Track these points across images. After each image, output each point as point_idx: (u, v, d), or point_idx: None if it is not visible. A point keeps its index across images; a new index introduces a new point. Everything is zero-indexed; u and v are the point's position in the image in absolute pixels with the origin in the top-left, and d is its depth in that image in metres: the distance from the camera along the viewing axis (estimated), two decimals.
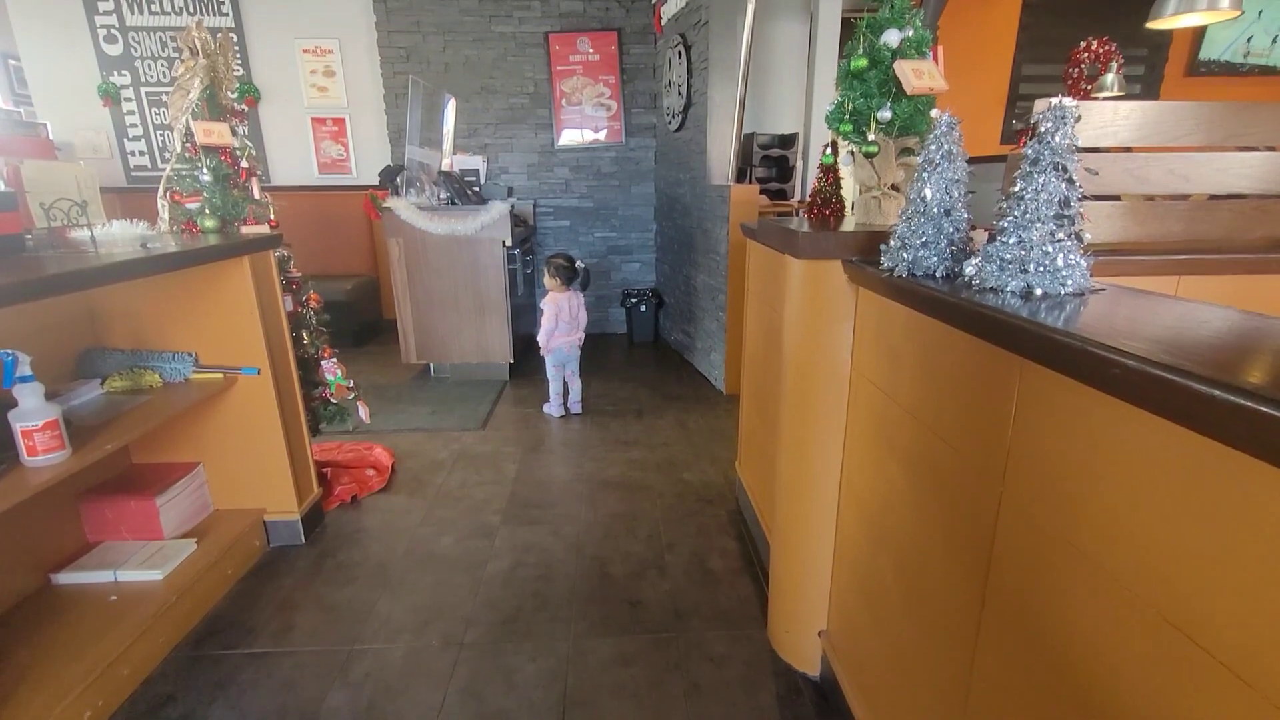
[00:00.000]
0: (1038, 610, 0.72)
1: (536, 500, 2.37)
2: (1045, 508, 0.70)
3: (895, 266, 1.02)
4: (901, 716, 1.12)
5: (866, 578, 1.25)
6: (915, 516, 1.02)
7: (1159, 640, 0.55)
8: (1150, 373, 0.52)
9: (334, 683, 1.53)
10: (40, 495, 1.62)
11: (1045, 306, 0.76)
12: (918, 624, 1.03)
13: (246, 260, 1.80)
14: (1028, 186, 0.81)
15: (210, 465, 1.99)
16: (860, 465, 1.27)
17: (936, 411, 0.94)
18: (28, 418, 1.25)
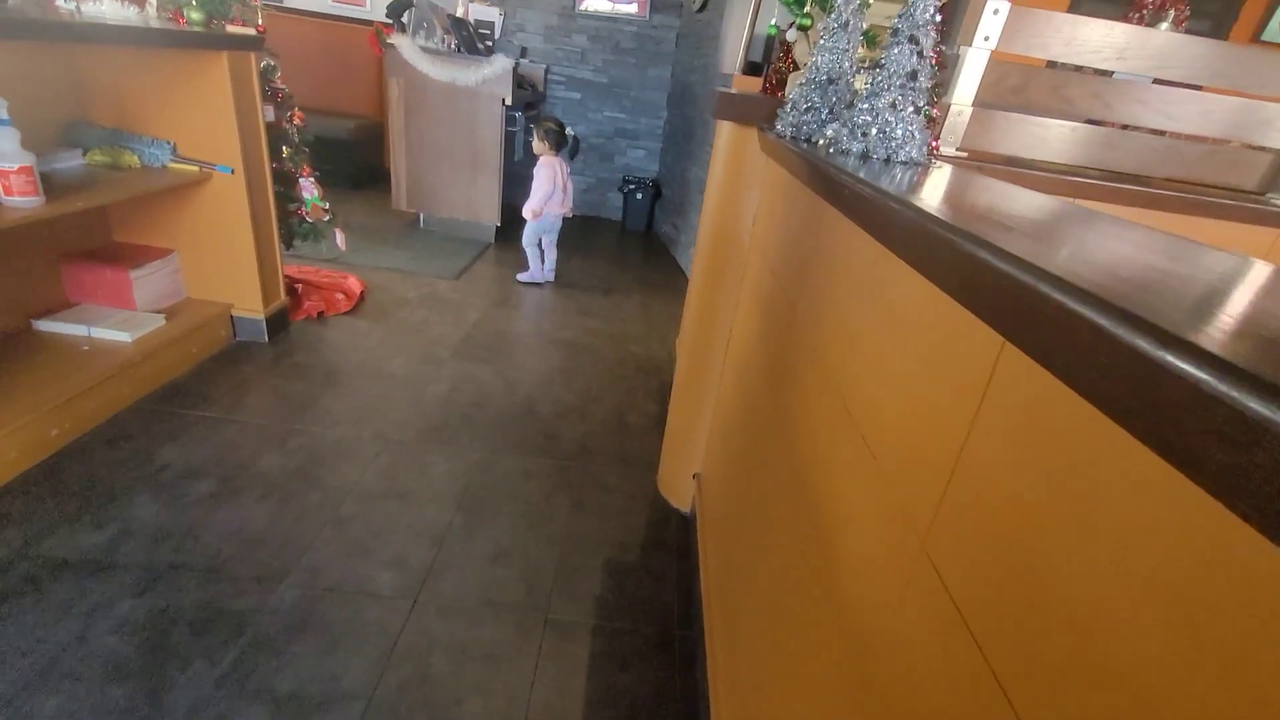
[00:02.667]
0: (799, 437, 0.87)
1: (488, 345, 2.55)
2: (818, 338, 0.84)
3: (783, 131, 1.10)
4: (723, 544, 1.31)
5: (728, 425, 1.42)
6: (760, 364, 1.16)
7: (838, 419, 0.70)
8: (916, 223, 0.62)
9: (271, 449, 1.75)
10: (22, 246, 1.78)
11: (866, 167, 0.85)
12: (744, 465, 1.20)
13: (225, 57, 1.85)
14: (887, 55, 0.89)
15: (184, 256, 2.14)
16: (742, 326, 1.40)
17: (784, 261, 1.06)
18: (4, 159, 1.38)
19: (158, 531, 1.42)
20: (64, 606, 1.22)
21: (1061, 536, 0.33)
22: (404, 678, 1.19)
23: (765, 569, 0.97)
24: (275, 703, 1.11)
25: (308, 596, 1.32)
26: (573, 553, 1.55)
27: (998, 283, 0.37)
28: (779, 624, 0.85)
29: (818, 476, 0.74)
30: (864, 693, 0.55)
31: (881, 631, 0.53)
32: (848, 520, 0.63)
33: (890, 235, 0.57)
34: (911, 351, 0.53)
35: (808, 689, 0.71)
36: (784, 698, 0.79)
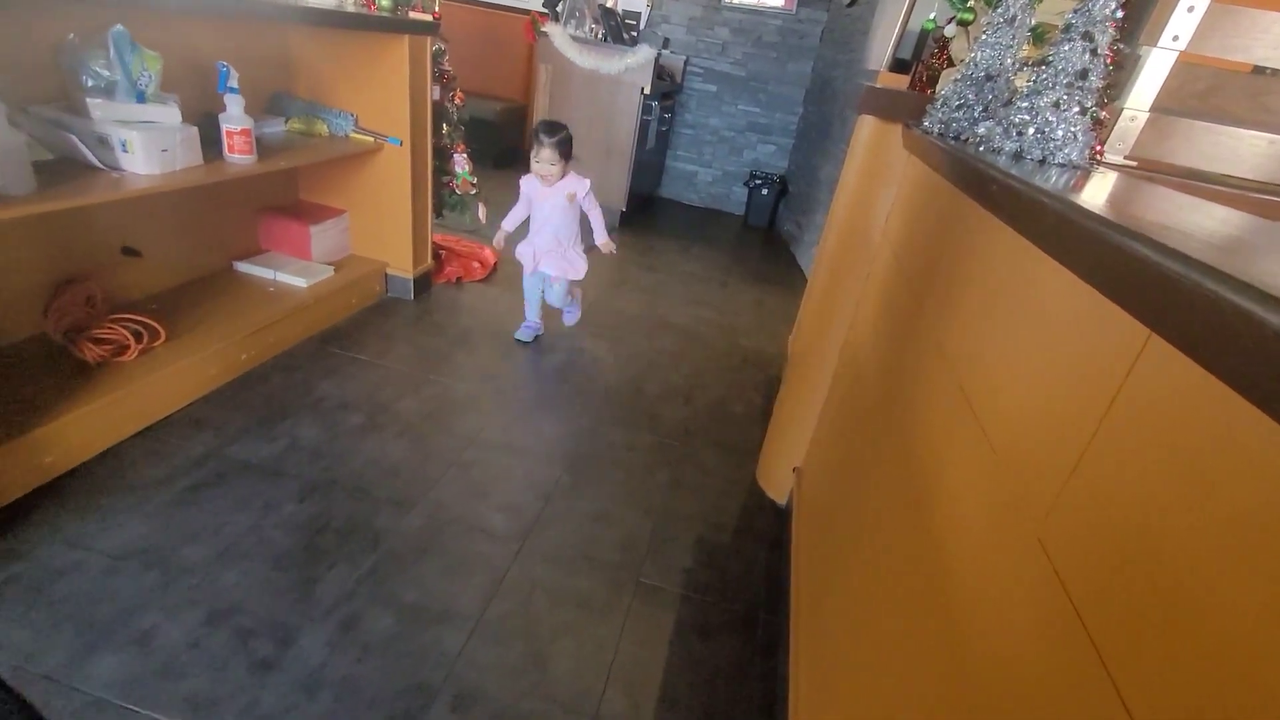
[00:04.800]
0: (913, 430, 0.87)
1: (603, 323, 2.66)
2: (951, 338, 0.83)
3: (930, 127, 1.08)
4: (818, 537, 1.32)
5: (837, 422, 1.42)
6: (878, 361, 1.16)
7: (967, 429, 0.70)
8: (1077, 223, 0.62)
9: (409, 394, 1.95)
10: (233, 197, 2.08)
11: (1018, 166, 0.83)
12: (850, 460, 1.20)
13: (406, 40, 2.07)
14: (1056, 52, 0.86)
15: (353, 216, 2.42)
16: (862, 324, 1.39)
17: (915, 256, 1.05)
18: (231, 121, 1.64)
19: (316, 450, 1.65)
20: (243, 500, 1.45)
21: (1196, 532, 0.34)
22: (507, 609, 1.31)
23: (861, 562, 0.97)
24: (400, 609, 1.26)
25: (432, 525, 1.48)
26: (667, 525, 1.61)
27: (1148, 273, 0.38)
28: (872, 616, 0.86)
29: (929, 468, 0.74)
30: (960, 684, 0.56)
31: (985, 622, 0.54)
32: (957, 511, 0.64)
33: (1040, 230, 0.57)
34: (1047, 344, 0.54)
35: (899, 680, 0.72)
36: (872, 688, 0.80)
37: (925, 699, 0.63)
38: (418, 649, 1.20)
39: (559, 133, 2.02)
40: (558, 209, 2.13)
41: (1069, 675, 0.41)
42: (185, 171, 1.53)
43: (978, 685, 0.52)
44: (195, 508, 1.41)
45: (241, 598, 1.23)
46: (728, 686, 1.24)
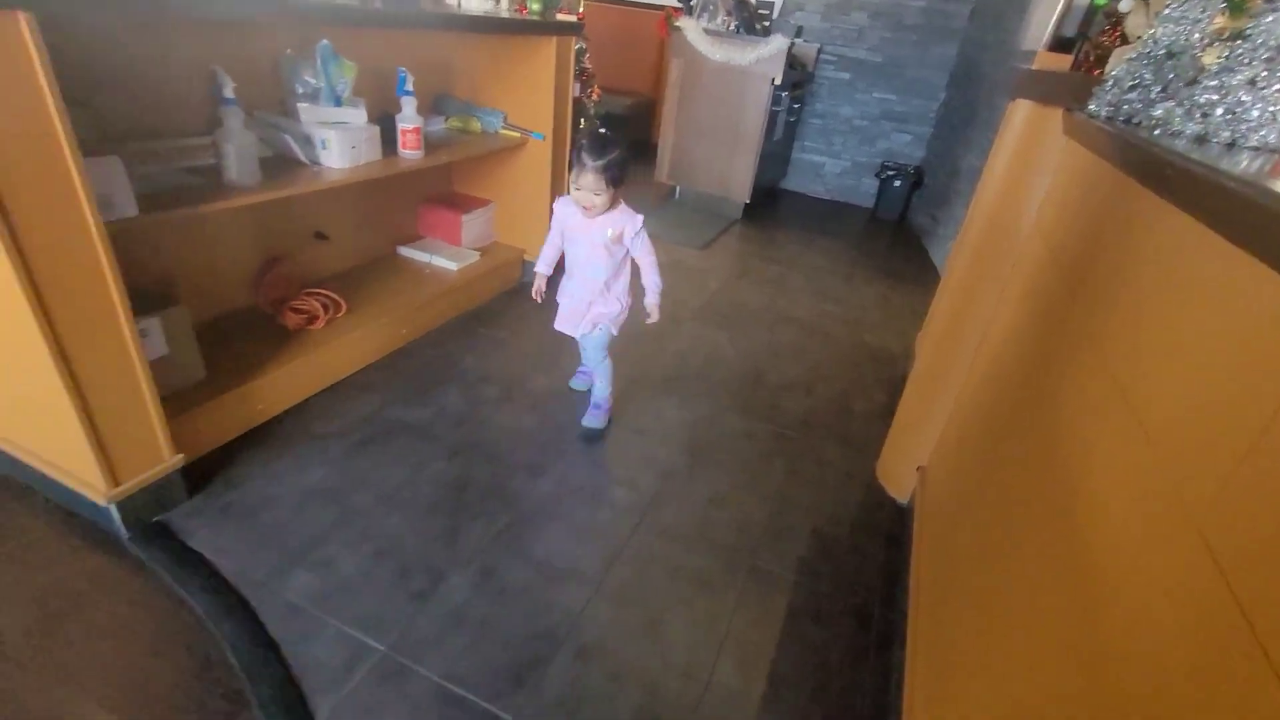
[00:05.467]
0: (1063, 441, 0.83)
1: (726, 313, 2.69)
2: (1118, 352, 0.79)
3: (1097, 111, 1.01)
4: (942, 537, 1.28)
5: (969, 420, 1.36)
6: (1021, 358, 1.10)
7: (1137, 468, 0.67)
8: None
9: (540, 371, 2.10)
10: (401, 189, 2.33)
11: (1201, 150, 0.77)
12: (983, 459, 1.16)
13: (554, 41, 2.21)
14: (1256, 26, 0.78)
15: (497, 206, 2.62)
16: (1004, 320, 1.32)
17: (1070, 248, 0.99)
18: (406, 120, 1.84)
19: (460, 417, 1.83)
20: (401, 456, 1.65)
21: None
22: (625, 576, 1.39)
23: (991, 563, 0.95)
24: (531, 564, 1.39)
25: (559, 492, 1.60)
26: (783, 513, 1.63)
27: None
28: (1003, 617, 0.84)
29: (1073, 464, 0.72)
30: (1102, 686, 0.55)
31: (1133, 621, 0.52)
32: (1105, 506, 0.62)
33: (1227, 216, 0.54)
34: (1222, 331, 0.51)
35: (1032, 681, 0.70)
36: (1000, 689, 0.79)
37: (1063, 701, 0.62)
38: (546, 601, 1.31)
39: (608, 152, 1.48)
40: (597, 250, 1.60)
41: (1228, 677, 0.41)
42: (368, 165, 1.75)
43: (1122, 688, 0.51)
44: (364, 458, 1.63)
45: (401, 538, 1.41)
46: (839, 673, 1.24)
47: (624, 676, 1.18)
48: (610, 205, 1.57)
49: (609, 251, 1.62)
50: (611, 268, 1.65)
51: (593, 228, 1.59)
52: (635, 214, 1.62)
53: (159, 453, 1.34)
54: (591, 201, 1.53)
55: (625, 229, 1.59)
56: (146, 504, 1.35)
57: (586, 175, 1.49)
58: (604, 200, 1.54)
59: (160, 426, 1.32)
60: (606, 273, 1.65)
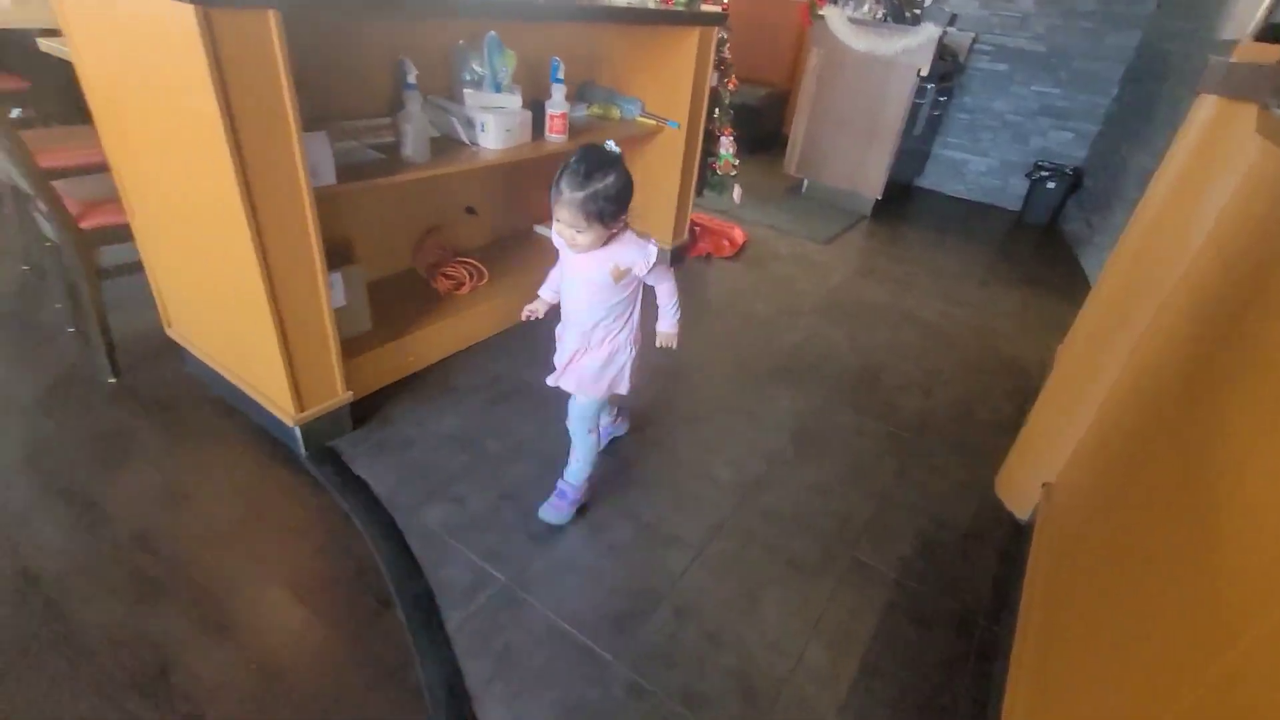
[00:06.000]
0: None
1: (846, 308, 2.65)
2: None
3: None
4: (1064, 558, 1.22)
5: (1110, 444, 1.28)
6: (1180, 373, 1.03)
7: None
8: None
9: (653, 350, 2.19)
10: (540, 171, 2.48)
11: None
12: (1126, 481, 1.09)
13: (698, 32, 2.27)
14: None
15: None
16: (1164, 337, 1.23)
17: (1250, 256, 0.92)
18: (555, 106, 1.99)
19: None
20: (526, 414, 1.80)
21: None
22: (724, 549, 1.45)
23: (1120, 586, 0.91)
24: (637, 525, 1.48)
25: (668, 464, 1.68)
26: (889, 512, 1.61)
27: None
28: (1126, 639, 0.82)
29: (1235, 489, 0.69)
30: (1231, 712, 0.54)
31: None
32: (1265, 533, 0.60)
33: None
34: None
35: (1150, 706, 0.69)
36: (1113, 712, 0.77)
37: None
38: (649, 560, 1.40)
39: (593, 180, 1.11)
40: (592, 287, 1.27)
41: None
42: (519, 147, 1.91)
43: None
44: (493, 413, 1.79)
45: (524, 486, 1.55)
46: (933, 673, 1.24)
47: (718, 639, 1.25)
48: (606, 242, 1.21)
49: (603, 291, 1.27)
50: (603, 310, 1.29)
51: (587, 262, 1.24)
52: (647, 243, 1.26)
53: (335, 388, 1.57)
54: (572, 239, 1.18)
55: (635, 265, 1.24)
56: (322, 430, 1.59)
57: (562, 207, 1.14)
58: (590, 240, 1.17)
59: (338, 366, 1.54)
60: (596, 316, 1.30)
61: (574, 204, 1.12)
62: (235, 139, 1.14)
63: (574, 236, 1.17)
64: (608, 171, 1.12)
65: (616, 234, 1.22)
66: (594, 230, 1.16)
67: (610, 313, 1.32)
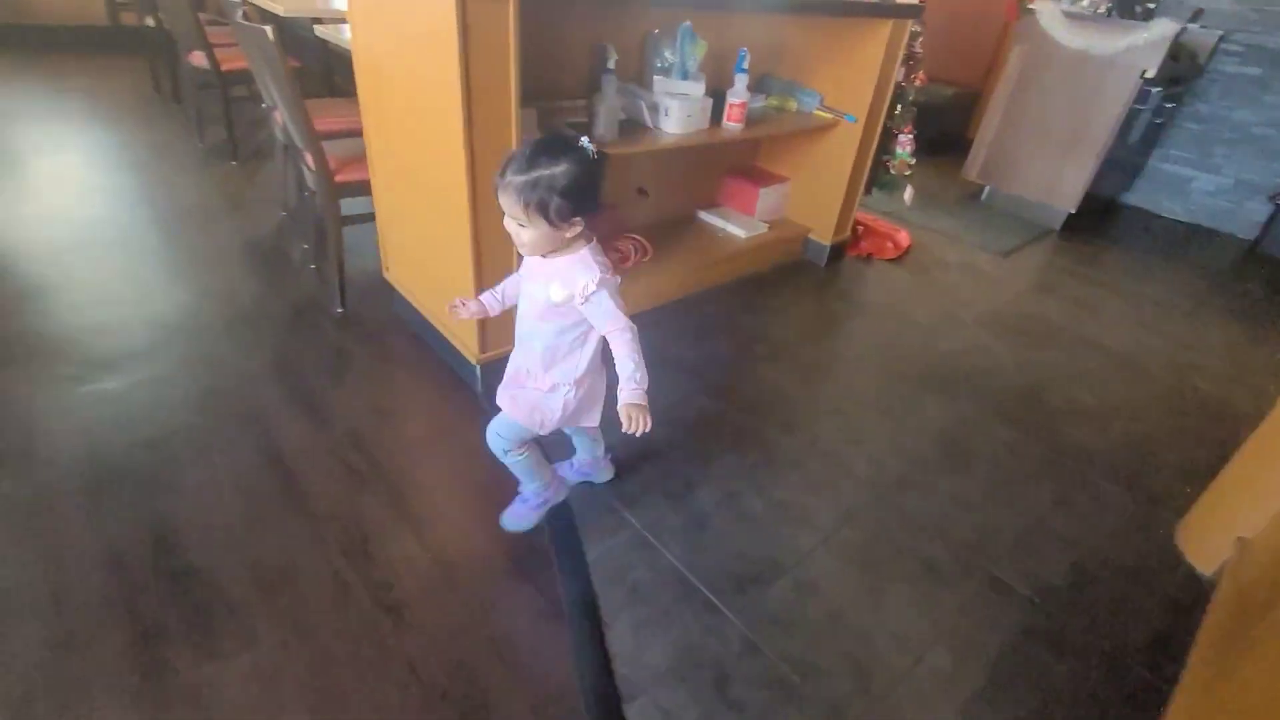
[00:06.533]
0: None
1: (1015, 325, 2.47)
2: None
3: None
4: (1240, 630, 1.09)
5: None
6: None
7: None
8: None
9: (805, 341, 2.20)
10: (710, 159, 2.57)
11: None
12: None
13: (890, 25, 2.22)
14: None
15: (793, 183, 2.74)
16: None
17: None
18: (736, 95, 2.06)
19: (727, 365, 2.03)
20: (673, 384, 1.91)
21: None
22: (854, 538, 1.46)
23: None
24: (768, 501, 1.53)
25: (807, 449, 1.71)
26: (1039, 537, 1.52)
27: None
28: None
29: None
30: None
31: None
32: None
33: None
34: None
35: None
36: None
37: None
38: (777, 534, 1.45)
39: (540, 164, 0.96)
40: (536, 304, 1.13)
41: None
42: (696, 133, 2.01)
43: None
44: None
45: (666, 448, 1.66)
46: (1069, 704, 1.17)
47: (838, 619, 1.27)
48: (556, 246, 1.05)
49: (547, 312, 1.11)
50: (551, 334, 1.14)
51: (535, 273, 1.11)
52: (593, 265, 1.05)
53: (509, 338, 1.77)
54: (516, 235, 1.03)
55: (575, 287, 1.04)
56: (496, 372, 1.80)
57: (503, 192, 0.99)
58: (534, 237, 1.01)
59: None
60: (544, 339, 1.15)
61: (513, 189, 0.97)
62: (468, 111, 1.34)
63: (517, 231, 1.02)
64: (559, 159, 0.96)
65: (572, 244, 1.06)
66: (537, 227, 0.99)
67: (559, 339, 1.15)
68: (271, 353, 1.88)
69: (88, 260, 2.22)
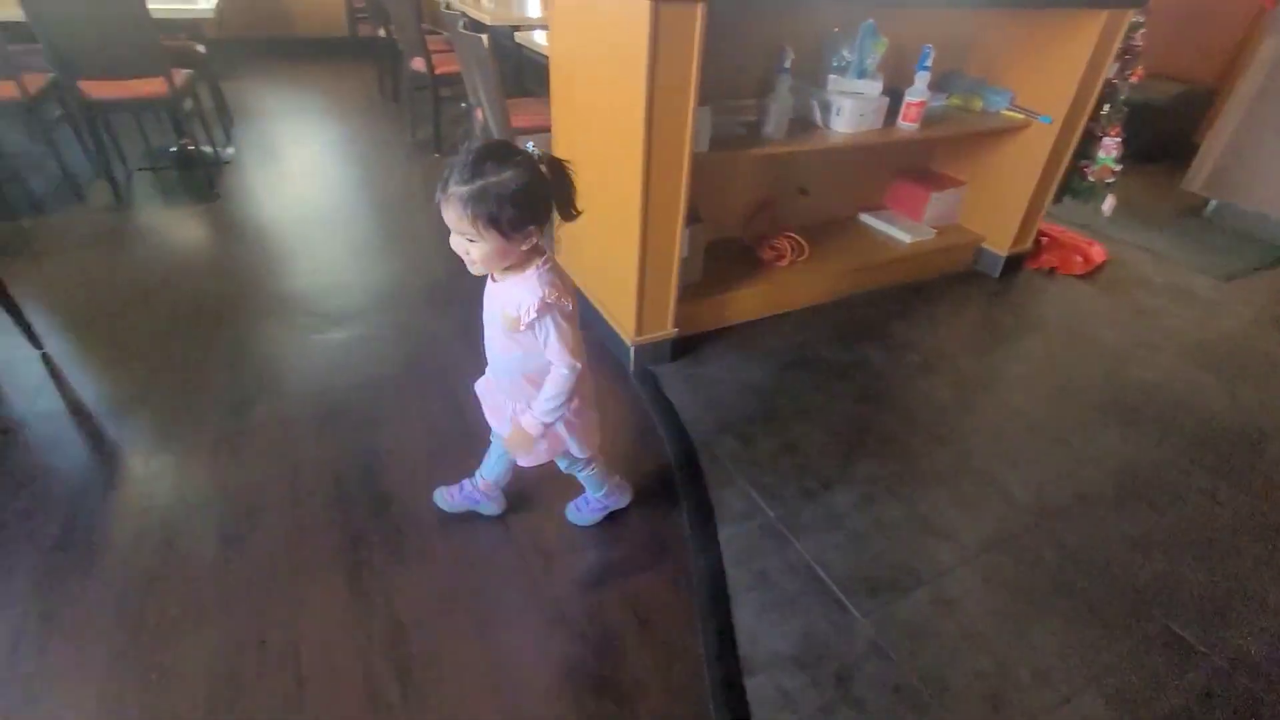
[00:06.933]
0: None
1: (1233, 358, 2.13)
2: None
3: None
4: None
5: None
6: None
7: None
8: None
9: (967, 354, 2.08)
10: (878, 160, 2.50)
11: None
12: None
13: (1104, 16, 2.01)
14: None
15: (971, 187, 2.57)
16: None
17: None
18: (915, 94, 1.99)
19: (878, 371, 1.98)
20: (818, 385, 1.90)
21: None
22: (1003, 563, 1.38)
23: None
24: (910, 511, 1.49)
25: (957, 465, 1.63)
26: (1236, 598, 1.33)
27: None
28: None
29: None
30: None
31: None
32: None
33: None
34: None
35: None
36: None
37: None
38: (916, 545, 1.41)
39: (484, 174, 0.87)
40: (496, 330, 1.07)
41: None
42: (867, 133, 1.97)
43: None
44: (788, 375, 1.93)
45: (805, 444, 1.67)
46: None
47: (975, 641, 1.22)
48: (511, 261, 0.97)
49: (502, 339, 1.06)
50: (514, 363, 1.09)
51: (493, 296, 1.04)
52: (537, 287, 0.97)
53: (666, 323, 1.87)
54: (465, 253, 0.94)
55: (520, 308, 0.98)
56: (647, 354, 1.92)
57: (447, 207, 0.90)
58: (485, 253, 0.93)
59: (672, 305, 1.84)
60: (508, 368, 1.10)
61: (458, 200, 0.87)
62: (650, 109, 1.45)
63: (466, 249, 0.93)
64: (505, 164, 0.88)
65: (527, 259, 0.98)
66: (490, 241, 0.91)
67: (515, 369, 1.09)
68: (457, 321, 2.14)
69: (323, 234, 2.67)
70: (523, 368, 1.08)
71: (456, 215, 0.89)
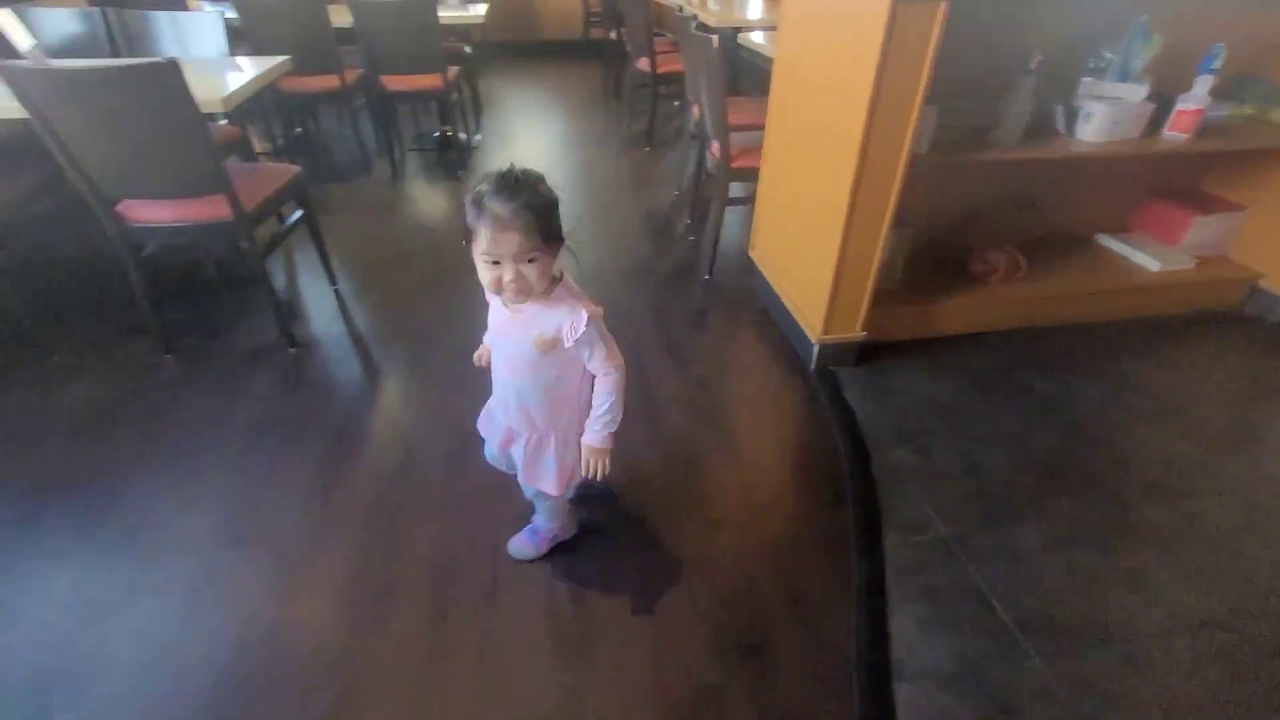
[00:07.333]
0: None
1: None
2: None
3: None
4: None
5: None
6: None
7: None
8: None
9: (1214, 406, 1.78)
10: (1132, 175, 2.21)
11: None
12: None
13: None
14: None
15: (1253, 214, 2.15)
16: None
17: None
18: (1191, 100, 1.74)
19: (1090, 408, 1.77)
20: (1017, 411, 1.76)
21: None
22: (1224, 643, 1.19)
23: None
24: (1110, 565, 1.34)
25: (1179, 526, 1.43)
26: None
27: None
28: None
29: None
30: None
31: None
32: None
33: None
34: None
35: None
36: None
37: None
38: (1115, 601, 1.27)
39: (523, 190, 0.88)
40: (523, 360, 1.04)
41: None
42: (1120, 143, 1.76)
43: None
44: (979, 398, 1.81)
45: (990, 469, 1.57)
46: None
47: (1172, 715, 1.08)
48: (547, 280, 0.96)
49: (528, 368, 1.04)
50: (543, 387, 1.06)
51: (509, 326, 1.02)
52: (578, 300, 0.99)
53: (854, 325, 1.86)
54: (521, 279, 0.91)
55: (564, 330, 0.97)
56: (830, 355, 1.91)
57: (497, 230, 0.87)
58: (541, 270, 0.92)
59: (864, 308, 1.82)
60: (552, 390, 1.07)
61: (526, 212, 0.86)
62: (872, 109, 1.46)
63: (522, 273, 0.90)
64: (534, 180, 0.91)
65: (552, 281, 0.98)
66: (549, 255, 0.93)
67: (546, 394, 1.07)
68: (651, 302, 2.30)
69: None
70: (557, 389, 1.07)
71: (521, 231, 0.87)
